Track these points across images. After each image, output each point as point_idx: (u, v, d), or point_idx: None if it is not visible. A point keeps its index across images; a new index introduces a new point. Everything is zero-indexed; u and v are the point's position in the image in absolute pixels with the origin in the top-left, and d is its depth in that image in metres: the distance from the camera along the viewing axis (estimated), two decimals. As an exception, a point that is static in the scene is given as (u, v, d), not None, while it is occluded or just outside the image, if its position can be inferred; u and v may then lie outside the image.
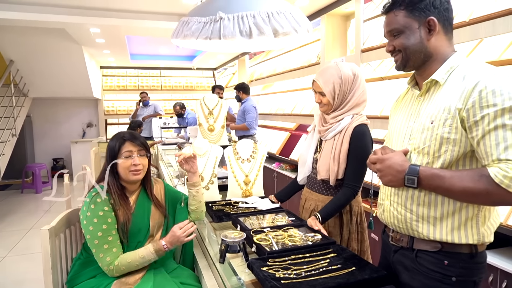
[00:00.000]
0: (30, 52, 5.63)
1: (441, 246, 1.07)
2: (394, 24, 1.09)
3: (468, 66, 1.03)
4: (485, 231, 1.05)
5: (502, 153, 0.91)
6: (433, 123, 1.04)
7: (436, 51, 1.08)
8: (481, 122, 0.94)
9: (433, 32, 1.06)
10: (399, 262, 1.18)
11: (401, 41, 1.09)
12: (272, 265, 1.18)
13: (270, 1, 1.09)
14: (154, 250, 1.45)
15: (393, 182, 1.06)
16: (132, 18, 4.29)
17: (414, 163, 1.08)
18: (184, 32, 1.05)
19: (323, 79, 1.62)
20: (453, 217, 1.04)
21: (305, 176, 1.80)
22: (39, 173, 6.68)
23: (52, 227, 1.53)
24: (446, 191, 0.99)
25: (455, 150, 1.01)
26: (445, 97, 1.03)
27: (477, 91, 0.95)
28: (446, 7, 1.07)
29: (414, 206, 1.10)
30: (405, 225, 1.13)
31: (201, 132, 2.57)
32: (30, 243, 4.16)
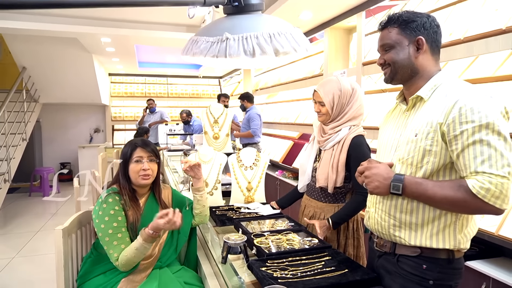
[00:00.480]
0: (42, 60, 5.82)
1: (420, 251, 1.14)
2: (387, 40, 1.19)
3: (450, 84, 1.12)
4: (461, 238, 1.12)
5: (479, 166, 0.99)
6: (417, 136, 1.12)
7: (422, 68, 1.16)
8: (460, 136, 1.02)
9: (421, 51, 1.15)
10: (382, 267, 1.25)
11: (391, 55, 1.19)
12: (270, 266, 1.26)
13: (273, 23, 1.19)
14: (143, 240, 1.47)
15: (380, 189, 1.14)
16: (142, 28, 4.45)
17: (398, 172, 1.17)
18: (194, 50, 1.16)
19: (324, 89, 1.73)
20: (432, 223, 1.12)
21: (305, 184, 1.89)
22: (47, 177, 6.82)
23: (65, 227, 1.63)
24: (428, 198, 1.08)
25: (435, 161, 1.09)
26: (428, 112, 1.11)
27: (457, 108, 1.03)
28: (435, 30, 1.16)
29: (397, 213, 1.18)
30: (387, 231, 1.21)
31: (206, 139, 2.68)
32: (38, 245, 4.27)
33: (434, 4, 2.64)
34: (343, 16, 3.52)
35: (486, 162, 0.99)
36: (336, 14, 3.57)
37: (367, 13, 3.27)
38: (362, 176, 1.20)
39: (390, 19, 1.18)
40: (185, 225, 1.74)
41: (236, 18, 1.20)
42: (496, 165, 0.98)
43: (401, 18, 1.16)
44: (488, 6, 2.16)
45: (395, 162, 1.19)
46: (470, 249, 2.08)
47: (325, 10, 3.46)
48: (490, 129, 0.99)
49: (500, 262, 2.02)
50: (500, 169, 0.98)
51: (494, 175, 0.97)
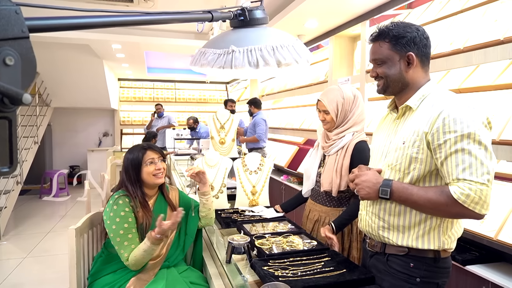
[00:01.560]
0: (55, 65, 5.98)
1: (408, 250, 1.21)
2: (379, 54, 1.24)
3: (437, 94, 1.19)
4: (446, 240, 1.19)
5: (460, 174, 1.06)
6: (404, 143, 1.19)
7: (412, 81, 1.22)
8: (443, 145, 1.09)
9: (411, 66, 1.20)
10: (373, 266, 1.33)
11: (383, 70, 1.24)
12: (272, 265, 1.33)
13: (276, 36, 1.27)
14: (151, 243, 1.55)
15: (370, 194, 1.22)
16: (152, 35, 4.57)
17: (387, 177, 1.24)
18: (202, 61, 1.24)
19: (327, 98, 1.80)
20: (418, 226, 1.19)
21: (309, 189, 1.95)
22: (57, 180, 6.96)
23: (78, 227, 1.71)
24: (413, 203, 1.15)
25: (421, 168, 1.16)
26: (416, 121, 1.18)
27: (441, 118, 1.10)
28: (425, 43, 1.21)
29: (386, 215, 1.25)
30: (377, 232, 1.28)
31: (212, 144, 2.76)
32: (48, 246, 4.37)
33: (436, 14, 2.70)
34: (347, 25, 3.59)
35: (467, 170, 1.05)
36: (341, 22, 3.64)
37: (371, 22, 3.33)
38: (353, 184, 1.27)
39: (381, 33, 1.22)
40: (191, 227, 1.81)
41: (241, 31, 1.28)
42: (476, 172, 1.04)
43: (392, 33, 1.20)
44: (488, 16, 2.21)
45: (385, 168, 1.26)
46: (470, 254, 2.13)
47: (330, 18, 3.54)
48: (471, 138, 1.06)
49: (500, 267, 2.05)
50: (480, 177, 1.04)
51: (474, 182, 1.04)
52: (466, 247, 2.22)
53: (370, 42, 1.28)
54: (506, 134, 1.98)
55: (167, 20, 1.06)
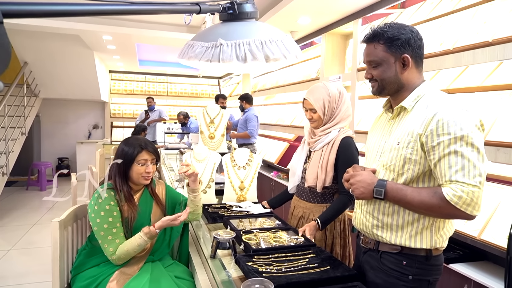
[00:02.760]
0: (44, 55, 5.87)
1: (401, 248, 1.23)
2: (373, 57, 1.23)
3: (431, 96, 1.19)
4: (438, 239, 1.21)
5: (453, 175, 1.08)
6: (399, 144, 1.20)
7: (407, 82, 1.23)
8: (437, 147, 1.10)
9: (407, 68, 1.21)
10: (366, 262, 1.34)
11: (378, 72, 1.24)
12: (256, 261, 1.33)
13: (265, 30, 1.26)
14: (148, 238, 1.59)
15: (364, 194, 1.22)
16: (143, 27, 4.51)
17: (382, 177, 1.25)
18: (189, 54, 1.22)
19: (313, 97, 1.80)
20: (411, 225, 1.21)
21: (295, 185, 1.96)
22: (45, 172, 6.87)
23: (62, 219, 1.69)
24: (407, 203, 1.16)
25: (415, 169, 1.17)
26: (410, 122, 1.19)
27: (435, 120, 1.11)
28: (419, 44, 1.21)
29: (379, 214, 1.27)
30: (371, 231, 1.30)
31: (202, 139, 2.74)
32: (33, 238, 4.32)
33: (428, 14, 2.71)
34: (340, 22, 3.59)
35: (459, 172, 1.07)
36: (334, 20, 3.64)
37: (363, 20, 3.34)
38: (348, 184, 1.28)
39: (376, 35, 1.21)
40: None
41: (230, 25, 1.26)
42: (469, 175, 1.06)
43: (386, 34, 1.19)
44: (478, 18, 2.23)
45: (380, 168, 1.27)
46: (453, 252, 2.16)
47: (323, 16, 3.53)
48: (464, 141, 1.07)
49: (482, 266, 2.09)
50: (472, 179, 1.06)
51: (466, 184, 1.06)
52: (450, 245, 2.25)
53: (364, 42, 1.28)
54: (492, 135, 2.00)
55: (153, 11, 1.04)
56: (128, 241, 1.60)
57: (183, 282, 1.64)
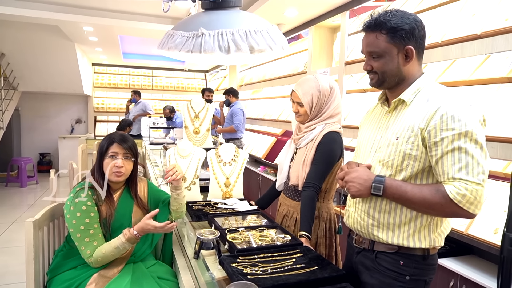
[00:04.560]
0: (22, 46, 5.66)
1: (397, 248, 1.19)
2: (375, 47, 1.15)
3: (432, 89, 1.14)
4: (436, 238, 1.17)
5: (456, 173, 1.04)
6: (398, 139, 1.14)
7: (408, 75, 1.17)
8: (440, 143, 1.05)
9: (410, 60, 1.14)
10: (360, 263, 1.29)
11: (379, 64, 1.16)
12: (241, 262, 1.27)
13: (250, 20, 1.19)
14: (126, 240, 1.50)
15: (361, 191, 1.16)
16: (126, 19, 4.37)
17: (378, 173, 1.19)
18: (169, 44, 1.15)
19: (302, 90, 1.71)
20: (409, 224, 1.16)
21: (283, 182, 1.90)
22: (25, 167, 6.66)
23: (36, 219, 1.60)
24: (407, 200, 1.11)
25: (415, 165, 1.12)
26: (410, 116, 1.13)
27: (438, 115, 1.06)
28: (423, 35, 1.14)
29: (376, 213, 1.21)
30: (366, 230, 1.24)
31: (186, 134, 2.66)
32: (13, 237, 4.17)
33: (415, 7, 2.68)
34: (327, 15, 3.54)
35: (463, 169, 1.03)
36: (321, 12, 3.59)
37: (351, 12, 3.29)
38: (342, 182, 1.21)
39: (378, 24, 1.13)
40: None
41: (213, 13, 1.19)
42: (473, 172, 1.02)
43: (390, 24, 1.11)
44: (466, 11, 2.21)
45: (376, 164, 1.21)
46: (441, 247, 2.16)
47: (310, 8, 3.47)
48: (468, 137, 1.03)
49: (469, 260, 2.09)
50: (476, 177, 1.02)
51: (470, 182, 1.02)
52: (437, 240, 2.25)
53: (363, 31, 1.18)
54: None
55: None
56: (106, 243, 1.52)
57: (166, 283, 1.58)
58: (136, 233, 1.51)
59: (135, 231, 1.52)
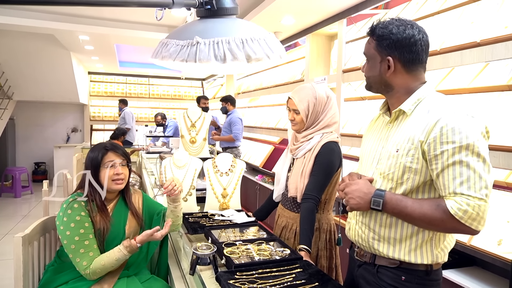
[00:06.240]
0: (17, 55, 5.62)
1: (399, 263, 1.15)
2: (366, 51, 1.18)
3: (433, 100, 1.10)
4: (439, 253, 1.13)
5: (458, 187, 1.00)
6: (398, 151, 1.11)
7: (397, 85, 1.14)
8: (440, 156, 1.02)
9: (390, 70, 1.12)
10: (362, 276, 1.25)
11: (366, 68, 1.19)
12: (239, 279, 1.22)
13: (246, 28, 1.16)
14: (128, 252, 1.47)
15: (360, 205, 1.13)
16: (122, 27, 4.35)
17: (379, 187, 1.15)
18: (163, 53, 1.11)
19: (298, 97, 1.69)
20: (410, 239, 1.12)
21: (280, 194, 1.85)
22: (19, 177, 6.57)
23: (26, 234, 1.54)
24: (407, 215, 1.07)
25: (416, 179, 1.08)
26: (410, 127, 1.10)
27: (438, 127, 1.02)
28: (412, 49, 1.09)
29: (376, 226, 1.17)
30: (367, 243, 1.21)
31: (183, 143, 2.62)
32: (6, 249, 4.08)
33: (413, 15, 2.67)
34: (325, 23, 3.53)
35: (464, 184, 0.99)
36: (318, 20, 3.58)
37: (348, 20, 3.28)
38: (342, 193, 1.19)
39: (372, 30, 1.16)
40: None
41: (208, 21, 1.16)
42: (475, 187, 0.98)
43: (378, 32, 1.12)
44: (465, 18, 2.19)
45: (377, 176, 1.18)
46: (444, 259, 2.11)
47: (307, 16, 3.46)
48: (470, 150, 0.99)
49: (472, 272, 2.05)
50: (478, 191, 0.98)
51: (472, 197, 0.98)
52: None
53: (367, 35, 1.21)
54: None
55: (123, 3, 0.93)
56: (105, 255, 1.47)
57: (161, 300, 1.53)
58: (139, 245, 1.49)
59: (138, 243, 1.49)
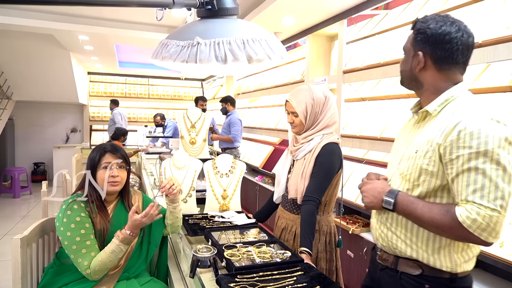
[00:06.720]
0: (16, 55, 5.60)
1: (422, 270, 1.10)
2: (404, 44, 1.16)
3: (461, 101, 1.05)
4: (458, 259, 1.07)
5: (470, 195, 0.96)
6: (417, 152, 1.08)
7: (427, 83, 1.11)
8: (456, 161, 0.98)
9: (420, 66, 1.09)
10: (383, 280, 1.22)
11: (401, 62, 1.17)
12: (239, 282, 1.21)
13: (247, 28, 1.15)
14: (120, 241, 1.45)
15: (373, 203, 1.13)
16: (122, 27, 4.33)
17: (397, 186, 1.14)
18: (163, 54, 1.10)
19: (296, 99, 1.68)
20: (427, 241, 1.09)
21: (280, 195, 1.84)
22: (18, 178, 6.55)
23: (25, 236, 1.53)
24: (417, 218, 1.05)
25: (432, 181, 1.05)
26: (432, 129, 1.07)
27: (456, 130, 0.98)
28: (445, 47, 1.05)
29: (393, 225, 1.16)
30: (387, 243, 1.18)
31: (182, 144, 2.61)
32: (5, 250, 4.07)
33: (413, 16, 2.66)
34: (325, 23, 3.52)
35: (478, 192, 0.95)
36: (319, 21, 3.57)
37: (348, 21, 3.27)
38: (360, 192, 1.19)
39: (414, 24, 1.13)
40: (155, 235, 1.67)
41: (209, 22, 1.15)
42: (488, 196, 0.94)
43: (417, 26, 1.10)
44: (466, 19, 2.18)
45: (397, 176, 1.16)
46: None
47: (308, 16, 3.45)
48: (488, 157, 0.95)
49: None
50: (492, 202, 0.93)
51: (484, 207, 0.94)
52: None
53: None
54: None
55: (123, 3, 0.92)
56: (101, 251, 1.46)
57: (161, 302, 1.51)
58: (129, 232, 1.46)
59: (128, 230, 1.47)
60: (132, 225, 1.46)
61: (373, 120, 2.93)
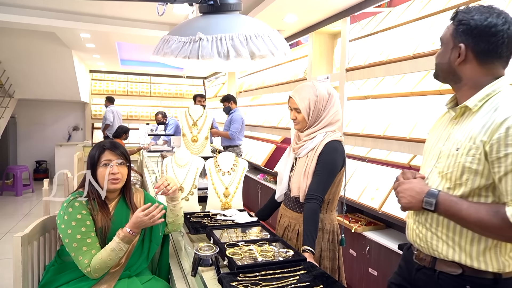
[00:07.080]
0: (18, 53, 5.60)
1: (462, 270, 1.06)
2: (442, 36, 1.11)
3: (505, 96, 1.00)
4: (506, 261, 1.03)
5: None
6: (458, 150, 1.03)
7: (467, 77, 1.06)
8: (504, 159, 0.94)
9: (461, 59, 1.04)
10: (421, 281, 1.18)
11: (437, 54, 1.12)
12: (242, 281, 1.20)
13: (250, 24, 1.13)
14: (120, 240, 1.44)
15: (412, 204, 1.08)
16: (123, 25, 4.32)
17: (436, 186, 1.09)
18: (164, 50, 1.09)
19: (299, 95, 1.67)
20: (471, 244, 1.04)
21: (283, 193, 1.83)
22: (20, 176, 6.55)
23: (26, 234, 1.52)
24: (462, 219, 1.00)
25: (476, 180, 1.00)
26: (474, 125, 1.02)
27: (504, 127, 0.94)
28: (490, 40, 1.00)
29: (433, 226, 1.11)
30: (426, 244, 1.14)
31: (184, 142, 2.59)
32: (6, 248, 4.07)
33: (417, 13, 2.63)
34: (328, 21, 3.50)
35: None
36: (321, 18, 3.54)
37: (351, 18, 3.25)
38: (395, 192, 1.13)
39: (454, 15, 1.07)
40: (156, 233, 1.66)
41: (211, 17, 1.13)
42: None
43: (459, 16, 1.04)
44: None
45: (435, 175, 1.11)
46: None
47: (310, 14, 3.43)
48: None
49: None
50: None
51: None
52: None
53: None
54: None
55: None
56: (102, 249, 1.46)
57: (163, 301, 1.51)
58: (129, 230, 1.45)
59: (128, 228, 1.46)
60: (133, 222, 1.46)
61: (376, 118, 2.91)
